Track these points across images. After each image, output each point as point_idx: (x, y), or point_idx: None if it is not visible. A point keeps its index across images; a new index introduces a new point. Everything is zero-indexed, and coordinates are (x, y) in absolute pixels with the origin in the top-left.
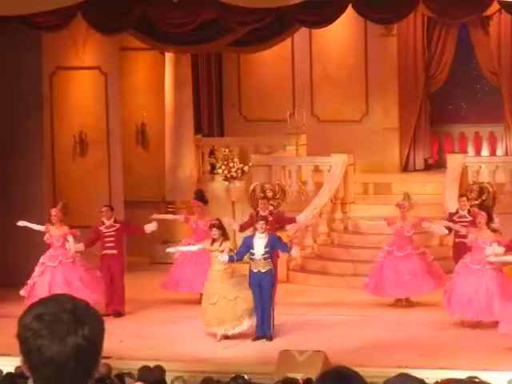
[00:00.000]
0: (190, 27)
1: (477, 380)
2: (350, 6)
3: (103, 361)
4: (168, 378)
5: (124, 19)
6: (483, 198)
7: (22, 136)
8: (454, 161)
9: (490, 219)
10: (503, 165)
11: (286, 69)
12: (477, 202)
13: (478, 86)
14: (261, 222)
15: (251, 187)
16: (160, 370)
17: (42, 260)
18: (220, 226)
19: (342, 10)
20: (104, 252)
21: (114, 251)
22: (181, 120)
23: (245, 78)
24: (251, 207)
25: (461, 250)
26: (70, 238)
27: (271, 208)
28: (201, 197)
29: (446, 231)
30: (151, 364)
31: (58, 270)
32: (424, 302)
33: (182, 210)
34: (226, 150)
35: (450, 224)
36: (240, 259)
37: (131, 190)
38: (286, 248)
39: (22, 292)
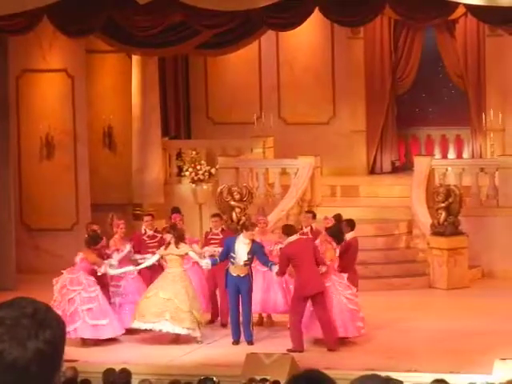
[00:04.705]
0: (157, 30)
1: None
2: (316, 8)
3: (70, 364)
4: (134, 381)
5: (90, 22)
6: (450, 200)
7: None
8: (420, 163)
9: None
10: (469, 167)
11: (253, 71)
12: (443, 205)
13: (445, 90)
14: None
15: (218, 190)
16: (126, 373)
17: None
18: (174, 228)
19: (309, 13)
20: None
21: None
22: (148, 123)
23: (212, 81)
24: (218, 210)
25: None
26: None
27: (223, 226)
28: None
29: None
30: (117, 367)
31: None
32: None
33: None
34: (193, 152)
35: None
36: (223, 260)
37: (98, 192)
38: (267, 263)
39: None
